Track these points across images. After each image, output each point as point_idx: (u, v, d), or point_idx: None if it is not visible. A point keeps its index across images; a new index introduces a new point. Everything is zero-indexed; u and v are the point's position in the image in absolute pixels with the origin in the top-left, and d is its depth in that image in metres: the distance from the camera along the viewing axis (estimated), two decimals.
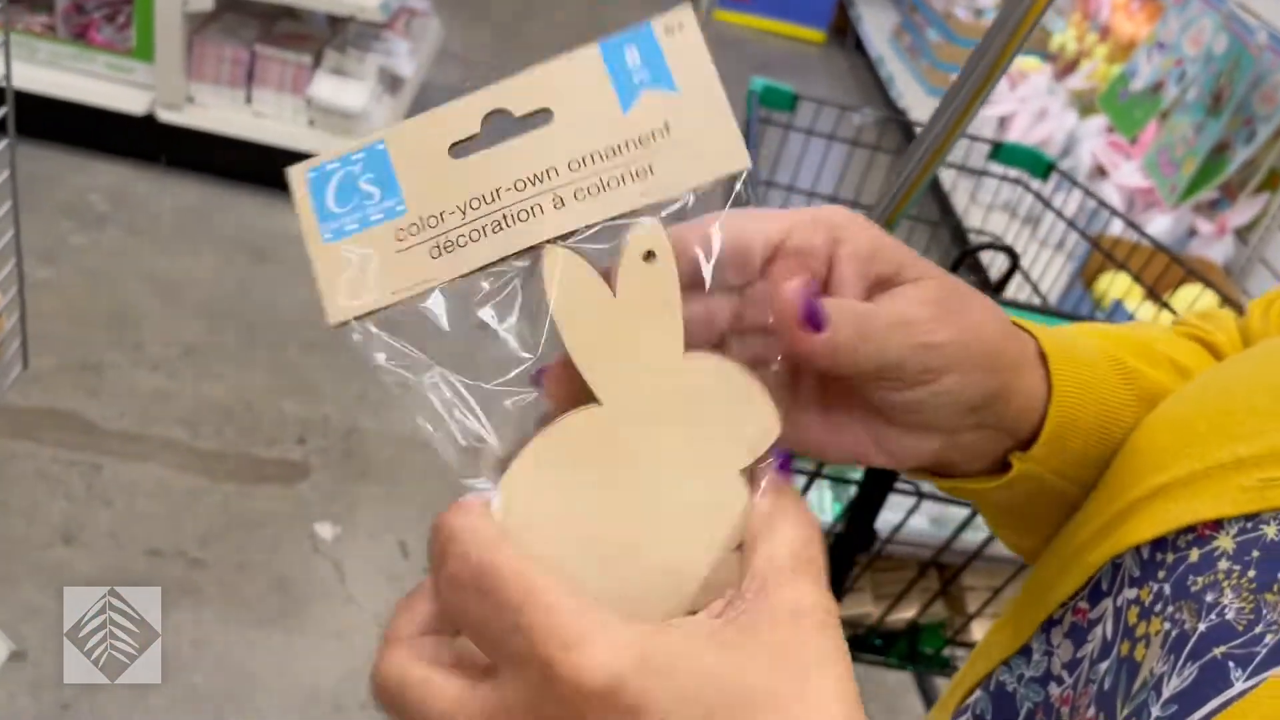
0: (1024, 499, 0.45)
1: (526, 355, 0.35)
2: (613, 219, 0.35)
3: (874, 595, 1.18)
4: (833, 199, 1.61)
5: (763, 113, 1.46)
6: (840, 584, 1.10)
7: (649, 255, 0.35)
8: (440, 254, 0.35)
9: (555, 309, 0.34)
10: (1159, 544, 0.39)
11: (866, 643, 1.19)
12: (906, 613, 1.17)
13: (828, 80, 4.43)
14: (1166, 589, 0.38)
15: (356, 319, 0.34)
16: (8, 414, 1.88)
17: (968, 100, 0.82)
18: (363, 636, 1.69)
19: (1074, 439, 0.43)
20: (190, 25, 2.41)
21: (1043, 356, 0.42)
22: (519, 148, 0.35)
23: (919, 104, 3.65)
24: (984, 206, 2.52)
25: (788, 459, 0.35)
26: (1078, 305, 2.25)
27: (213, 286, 2.31)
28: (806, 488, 1.03)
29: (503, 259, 0.35)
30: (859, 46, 4.62)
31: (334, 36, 2.56)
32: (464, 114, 0.35)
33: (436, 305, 0.35)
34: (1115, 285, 2.16)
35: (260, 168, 2.54)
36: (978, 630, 1.17)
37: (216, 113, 2.49)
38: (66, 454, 1.85)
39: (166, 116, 2.47)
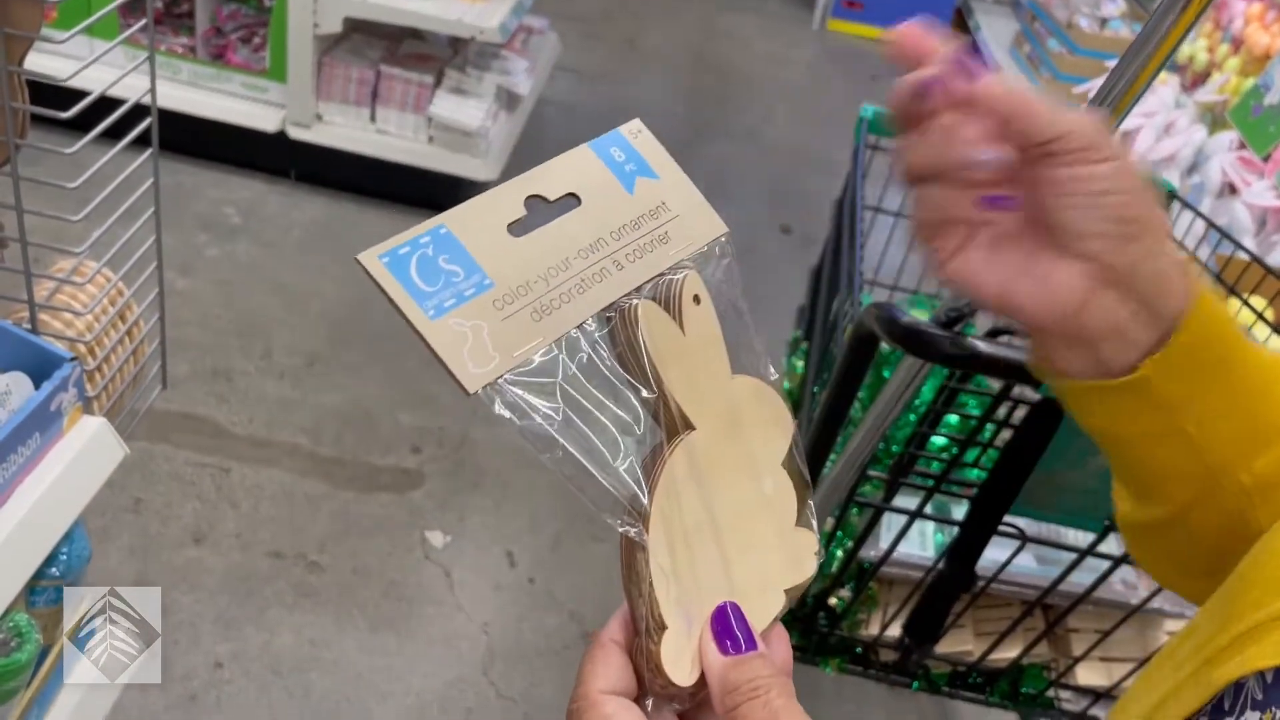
0: (1126, 419, 0.47)
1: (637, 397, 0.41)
2: (660, 274, 0.43)
3: (975, 633, 1.17)
4: None
5: (872, 139, 1.45)
6: (940, 622, 1.10)
7: (695, 299, 0.42)
8: (541, 317, 0.40)
9: (654, 353, 0.40)
10: None
11: (966, 680, 1.18)
12: (1009, 652, 1.15)
13: None
14: None
15: (488, 385, 0.38)
16: (148, 418, 1.99)
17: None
18: (469, 644, 1.75)
19: (1203, 363, 0.45)
20: (320, 46, 2.52)
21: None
22: (569, 225, 0.42)
23: None
24: None
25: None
26: None
27: (336, 299, 2.41)
28: (908, 526, 1.03)
29: (592, 314, 0.41)
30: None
31: (454, 56, 2.64)
32: (508, 199, 0.41)
33: (552, 359, 0.39)
34: (1244, 310, 2.07)
35: (382, 184, 2.64)
36: (1083, 674, 1.15)
37: (343, 130, 2.60)
38: (198, 457, 1.96)
39: (296, 134, 2.59)
